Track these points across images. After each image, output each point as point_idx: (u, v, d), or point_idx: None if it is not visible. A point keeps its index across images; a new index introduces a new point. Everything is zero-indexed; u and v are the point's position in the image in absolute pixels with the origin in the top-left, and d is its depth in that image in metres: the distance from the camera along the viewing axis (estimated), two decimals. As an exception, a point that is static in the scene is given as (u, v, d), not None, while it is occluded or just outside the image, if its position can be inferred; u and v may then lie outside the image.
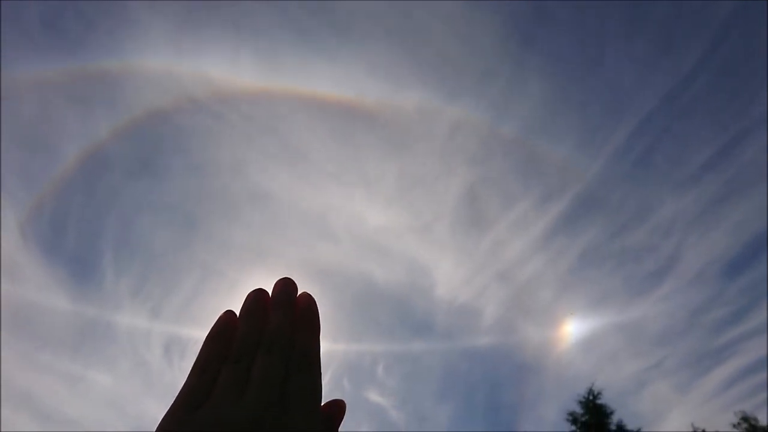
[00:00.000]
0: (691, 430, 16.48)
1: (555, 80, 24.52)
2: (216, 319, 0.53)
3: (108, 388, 23.56)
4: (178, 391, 0.48)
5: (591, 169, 24.54)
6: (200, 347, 0.52)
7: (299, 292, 0.55)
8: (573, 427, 16.62)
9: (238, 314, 0.54)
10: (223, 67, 20.92)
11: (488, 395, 29.06)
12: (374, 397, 25.02)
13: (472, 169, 24.90)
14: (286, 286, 0.55)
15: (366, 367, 26.40)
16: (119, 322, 24.12)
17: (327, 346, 0.54)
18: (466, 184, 25.28)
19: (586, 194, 25.25)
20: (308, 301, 0.55)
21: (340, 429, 0.53)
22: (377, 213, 25.64)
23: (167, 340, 24.78)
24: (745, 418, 16.81)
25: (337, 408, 0.54)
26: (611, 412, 16.62)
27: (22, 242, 21.57)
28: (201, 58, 20.57)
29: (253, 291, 0.55)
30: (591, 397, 16.81)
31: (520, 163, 25.41)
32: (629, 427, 16.46)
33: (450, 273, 27.03)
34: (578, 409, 16.79)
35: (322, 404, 0.51)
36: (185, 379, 0.49)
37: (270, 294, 0.55)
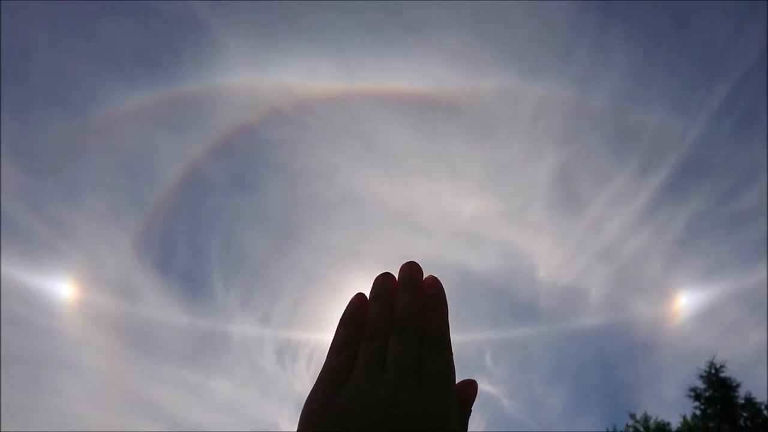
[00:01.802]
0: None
1: (641, 45, 23.07)
2: (348, 302, 0.55)
3: (228, 394, 24.69)
4: (294, 390, 0.51)
5: (690, 134, 22.95)
6: (335, 330, 0.54)
7: (425, 276, 0.57)
8: (696, 403, 16.14)
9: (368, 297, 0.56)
10: (301, 76, 21.41)
11: (602, 376, 27.91)
12: (485, 386, 24.81)
13: (562, 148, 23.93)
14: (412, 269, 0.57)
15: (473, 357, 26.24)
16: (233, 331, 25.11)
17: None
18: (557, 164, 24.29)
19: (688, 160, 23.68)
20: (435, 284, 0.56)
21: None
22: (468, 202, 25.36)
23: (279, 345, 25.59)
24: None
25: (471, 388, 0.54)
26: (737, 385, 15.91)
27: (139, 264, 23.13)
28: (280, 70, 21.13)
29: (380, 275, 0.56)
30: (713, 371, 16.22)
31: (612, 136, 24.17)
32: (759, 399, 15.84)
33: (549, 255, 26.24)
34: (700, 384, 16.28)
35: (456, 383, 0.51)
36: (324, 362, 0.51)
37: (396, 278, 0.57)
